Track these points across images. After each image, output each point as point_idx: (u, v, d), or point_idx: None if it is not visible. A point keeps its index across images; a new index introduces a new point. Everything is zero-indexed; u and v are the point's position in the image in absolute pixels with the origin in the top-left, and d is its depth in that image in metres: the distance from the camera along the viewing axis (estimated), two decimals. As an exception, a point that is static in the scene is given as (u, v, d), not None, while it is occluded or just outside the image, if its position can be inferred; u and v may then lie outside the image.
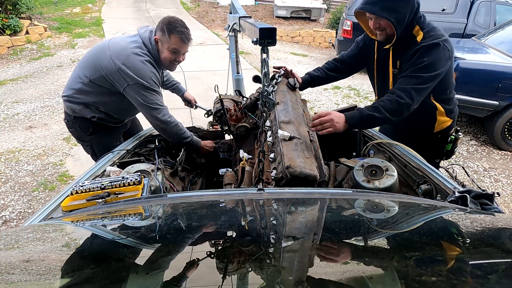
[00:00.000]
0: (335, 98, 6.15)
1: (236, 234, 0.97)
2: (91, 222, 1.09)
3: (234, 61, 2.95)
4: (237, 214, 1.15)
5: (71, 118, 2.22)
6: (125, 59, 1.97)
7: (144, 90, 1.99)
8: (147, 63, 2.01)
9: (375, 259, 0.80)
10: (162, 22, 2.04)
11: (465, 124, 5.35)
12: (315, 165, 1.45)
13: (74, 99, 2.15)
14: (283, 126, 1.65)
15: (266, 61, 1.41)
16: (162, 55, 2.07)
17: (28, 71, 6.78)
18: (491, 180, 4.02)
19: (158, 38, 2.04)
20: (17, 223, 3.10)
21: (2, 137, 4.48)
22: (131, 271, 0.74)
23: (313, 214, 1.14)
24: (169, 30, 2.00)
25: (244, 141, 2.16)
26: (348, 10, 7.42)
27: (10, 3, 7.73)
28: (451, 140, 2.10)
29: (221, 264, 0.76)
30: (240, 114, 2.21)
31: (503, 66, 4.41)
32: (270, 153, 1.59)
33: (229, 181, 1.72)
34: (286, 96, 1.97)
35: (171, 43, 2.02)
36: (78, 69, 2.16)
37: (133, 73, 1.95)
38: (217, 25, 10.81)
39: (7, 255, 0.84)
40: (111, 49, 2.02)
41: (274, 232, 0.98)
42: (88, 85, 2.09)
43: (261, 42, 1.38)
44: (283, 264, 0.76)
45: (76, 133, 2.30)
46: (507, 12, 6.74)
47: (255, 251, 0.82)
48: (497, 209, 1.25)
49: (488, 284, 0.66)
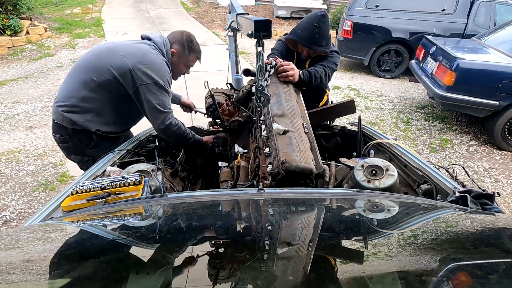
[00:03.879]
0: (335, 98, 6.15)
1: (236, 234, 0.97)
2: (92, 222, 1.09)
3: (233, 61, 2.94)
4: (237, 214, 1.15)
5: (68, 131, 2.01)
6: (141, 57, 1.91)
7: (159, 90, 1.93)
8: (164, 63, 1.99)
9: (375, 259, 0.80)
10: (181, 36, 2.09)
11: (465, 124, 5.35)
12: (310, 158, 1.44)
13: (77, 109, 1.96)
14: (276, 119, 1.62)
15: (262, 54, 1.37)
16: (177, 68, 2.14)
17: (29, 72, 6.78)
18: (491, 180, 4.02)
19: (176, 52, 2.07)
20: (18, 223, 3.10)
21: (3, 137, 4.48)
22: (131, 271, 0.74)
23: (314, 214, 1.14)
24: (190, 48, 2.10)
25: (238, 135, 2.12)
26: (348, 10, 7.42)
27: (10, 4, 7.73)
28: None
29: (221, 264, 0.76)
30: (232, 108, 2.15)
31: (503, 66, 4.41)
32: (265, 147, 1.56)
33: (225, 178, 1.70)
34: (278, 88, 1.92)
35: (189, 60, 2.14)
36: (78, 74, 1.99)
37: (150, 71, 1.89)
38: (217, 25, 10.82)
39: (7, 255, 0.84)
40: (121, 49, 1.95)
41: (274, 232, 0.97)
42: (94, 91, 1.94)
43: (256, 35, 1.35)
44: (283, 264, 0.76)
45: (74, 148, 2.09)
46: (507, 12, 6.74)
47: (255, 251, 0.82)
48: (497, 209, 1.24)
49: (488, 284, 0.66)
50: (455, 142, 4.85)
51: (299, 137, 1.54)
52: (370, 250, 0.85)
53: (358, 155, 2.00)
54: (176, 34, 2.13)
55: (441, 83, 4.63)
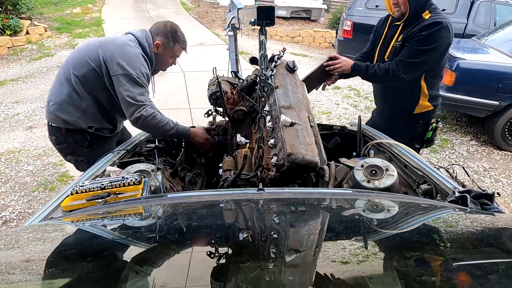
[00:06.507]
0: (335, 98, 6.15)
1: (236, 234, 0.97)
2: (91, 222, 1.09)
3: (233, 61, 2.94)
4: (237, 214, 1.15)
5: (62, 132, 2.06)
6: (116, 48, 1.92)
7: (130, 82, 1.90)
8: (140, 55, 1.96)
9: (375, 259, 0.80)
10: (165, 27, 2.07)
11: (465, 124, 5.35)
12: (316, 151, 1.44)
13: (65, 107, 2.01)
14: (283, 111, 1.61)
15: (264, 43, 1.34)
16: (163, 59, 2.13)
17: (28, 71, 6.78)
18: (491, 180, 4.02)
19: (160, 43, 2.06)
20: (17, 223, 3.10)
21: (2, 137, 4.48)
22: (131, 271, 0.74)
23: (313, 214, 1.14)
24: (174, 39, 2.08)
25: (240, 125, 2.08)
26: (348, 10, 7.42)
27: (10, 4, 7.73)
28: (432, 128, 2.33)
29: (221, 264, 0.76)
30: (236, 97, 2.10)
31: (503, 66, 4.41)
32: (270, 138, 1.55)
33: (228, 167, 1.69)
34: (286, 79, 1.87)
35: (174, 51, 2.12)
36: (62, 71, 2.04)
37: (123, 62, 1.89)
38: (217, 25, 10.81)
39: (7, 255, 0.84)
40: (100, 42, 1.99)
41: (274, 232, 0.97)
42: (77, 86, 1.97)
43: (259, 22, 1.31)
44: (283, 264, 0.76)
45: (69, 148, 2.13)
46: (507, 12, 6.74)
47: (255, 251, 0.82)
48: (497, 209, 1.24)
49: (488, 284, 0.66)
50: (455, 142, 4.85)
51: (305, 130, 1.53)
52: (370, 250, 0.85)
53: (358, 155, 2.00)
54: (159, 25, 2.10)
55: (441, 83, 4.63)
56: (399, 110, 2.37)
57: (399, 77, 2.13)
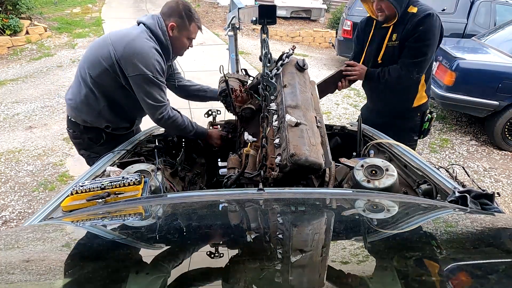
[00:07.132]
0: (335, 98, 6.15)
1: (236, 234, 0.97)
2: (91, 222, 1.09)
3: (233, 61, 2.94)
4: (237, 214, 1.15)
5: (80, 128, 2.07)
6: (127, 45, 1.82)
7: (147, 82, 1.84)
8: (152, 49, 1.85)
9: (375, 259, 0.80)
10: (177, 6, 1.94)
11: (465, 124, 5.35)
12: (321, 152, 1.43)
13: (83, 108, 2.00)
14: (290, 110, 1.59)
15: (266, 41, 1.33)
16: (179, 42, 2.00)
17: (28, 71, 6.78)
18: (491, 180, 4.02)
19: (175, 25, 1.93)
20: (17, 223, 3.10)
21: (2, 137, 4.48)
22: (131, 271, 0.74)
23: (313, 214, 1.14)
24: (189, 17, 1.94)
25: (248, 123, 2.08)
26: (348, 10, 7.42)
27: (10, 3, 7.73)
28: (428, 119, 2.43)
29: (221, 264, 0.76)
30: (245, 95, 2.08)
31: (503, 66, 4.41)
32: (276, 138, 1.53)
33: (233, 165, 1.68)
34: (294, 78, 1.83)
35: (190, 31, 1.98)
36: (79, 71, 2.01)
37: (137, 61, 1.80)
38: (217, 25, 10.81)
39: (7, 255, 0.84)
40: (111, 38, 1.90)
41: (274, 233, 0.97)
42: (93, 86, 1.94)
43: (260, 21, 1.30)
44: (283, 265, 0.76)
45: (84, 144, 2.14)
46: (507, 12, 6.74)
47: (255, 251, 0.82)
48: (497, 209, 1.24)
49: (488, 284, 0.66)
50: (455, 142, 4.85)
51: (311, 130, 1.52)
52: (370, 250, 0.85)
53: (358, 155, 2.00)
54: (171, 5, 1.96)
55: (441, 83, 4.63)
56: (400, 105, 2.41)
57: (413, 79, 2.22)
